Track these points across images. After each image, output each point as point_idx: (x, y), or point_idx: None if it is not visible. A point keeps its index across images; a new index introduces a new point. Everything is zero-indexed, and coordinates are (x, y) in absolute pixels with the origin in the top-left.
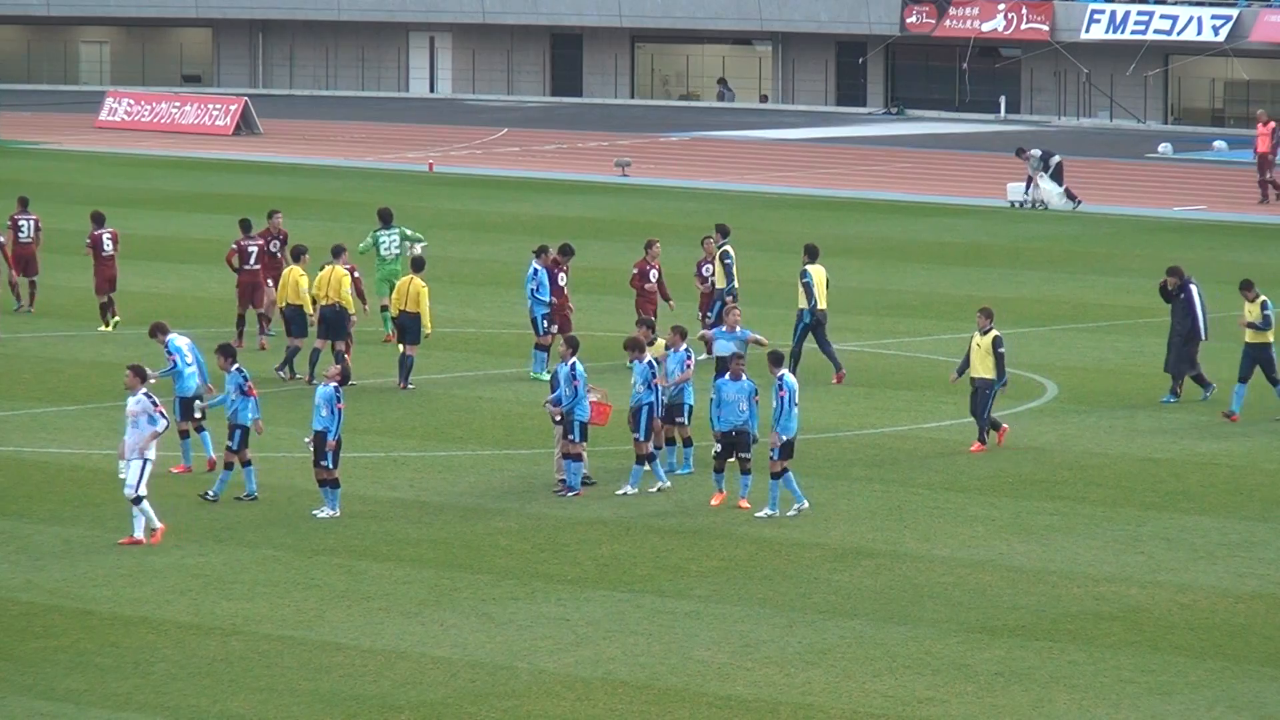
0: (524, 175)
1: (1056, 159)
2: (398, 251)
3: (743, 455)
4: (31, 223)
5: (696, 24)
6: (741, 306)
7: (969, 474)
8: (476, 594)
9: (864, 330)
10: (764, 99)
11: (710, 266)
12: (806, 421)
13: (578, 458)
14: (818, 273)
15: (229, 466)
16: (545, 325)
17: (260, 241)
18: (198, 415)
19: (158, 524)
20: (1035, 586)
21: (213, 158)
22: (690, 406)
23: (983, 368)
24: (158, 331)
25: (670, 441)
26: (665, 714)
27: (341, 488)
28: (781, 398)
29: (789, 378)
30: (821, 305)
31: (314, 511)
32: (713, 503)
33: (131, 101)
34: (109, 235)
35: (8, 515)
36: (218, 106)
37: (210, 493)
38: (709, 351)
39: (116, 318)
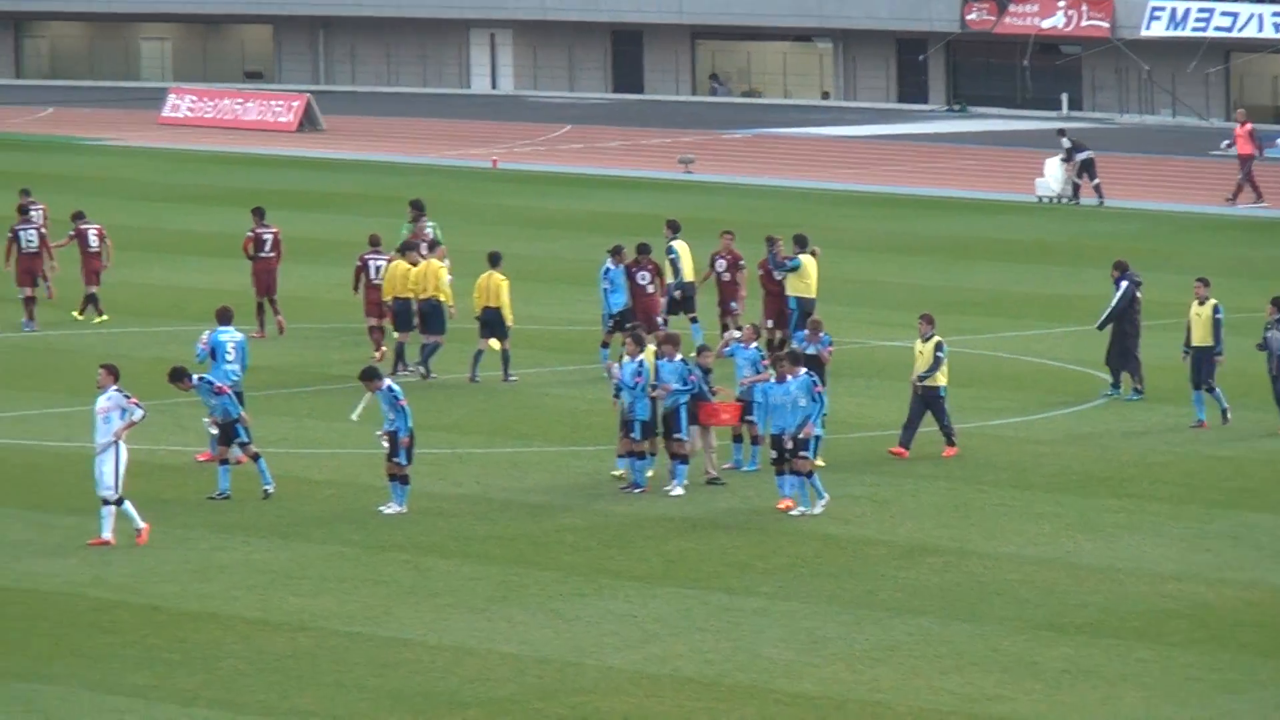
0: (588, 172)
1: (1087, 154)
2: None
3: (796, 455)
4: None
5: (756, 20)
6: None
7: (1035, 471)
8: (544, 591)
9: None
10: (825, 96)
11: (723, 261)
12: (873, 419)
13: (641, 455)
14: (683, 248)
15: (224, 462)
16: (609, 324)
17: (276, 230)
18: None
19: (141, 524)
20: (1102, 584)
21: (276, 154)
22: (760, 404)
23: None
24: (216, 318)
25: (738, 438)
26: (733, 711)
27: (410, 485)
28: (817, 393)
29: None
30: (689, 277)
31: (380, 507)
32: (779, 507)
33: (194, 98)
34: (95, 230)
35: (76, 512)
36: (280, 103)
37: (216, 494)
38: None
39: (103, 316)
